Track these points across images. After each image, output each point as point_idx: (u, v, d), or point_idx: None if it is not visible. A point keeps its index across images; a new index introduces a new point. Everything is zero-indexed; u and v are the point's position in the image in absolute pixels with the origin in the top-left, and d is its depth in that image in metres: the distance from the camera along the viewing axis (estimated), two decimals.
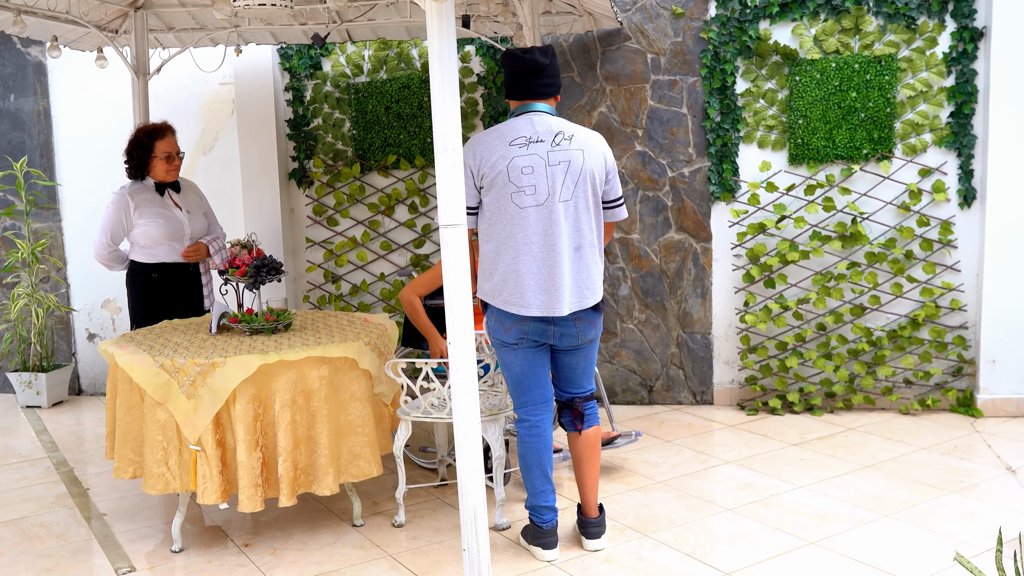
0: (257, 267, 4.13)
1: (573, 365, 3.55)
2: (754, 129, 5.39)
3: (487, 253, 3.37)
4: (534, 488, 3.52)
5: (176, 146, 4.74)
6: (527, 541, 3.58)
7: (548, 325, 3.37)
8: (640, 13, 5.47)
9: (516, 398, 3.53)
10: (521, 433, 3.53)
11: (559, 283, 3.30)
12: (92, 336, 6.50)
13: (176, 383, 3.52)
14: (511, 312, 3.33)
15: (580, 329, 3.42)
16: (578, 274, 3.36)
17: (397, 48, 5.87)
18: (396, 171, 5.99)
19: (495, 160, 3.28)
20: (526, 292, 3.30)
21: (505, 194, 3.27)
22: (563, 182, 3.31)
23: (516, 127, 3.36)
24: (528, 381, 3.48)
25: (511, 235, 3.29)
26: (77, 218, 6.41)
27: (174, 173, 4.73)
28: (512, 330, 3.37)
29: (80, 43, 5.43)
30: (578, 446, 3.59)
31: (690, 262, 5.56)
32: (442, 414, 3.77)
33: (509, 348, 3.43)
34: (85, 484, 4.60)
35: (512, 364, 3.46)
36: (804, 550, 3.52)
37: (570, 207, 3.33)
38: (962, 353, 5.28)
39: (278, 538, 3.82)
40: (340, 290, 6.15)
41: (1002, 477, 4.23)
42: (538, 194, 3.29)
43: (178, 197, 4.77)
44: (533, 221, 3.29)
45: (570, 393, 3.60)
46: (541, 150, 3.31)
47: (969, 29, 5.05)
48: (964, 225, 5.21)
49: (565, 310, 3.33)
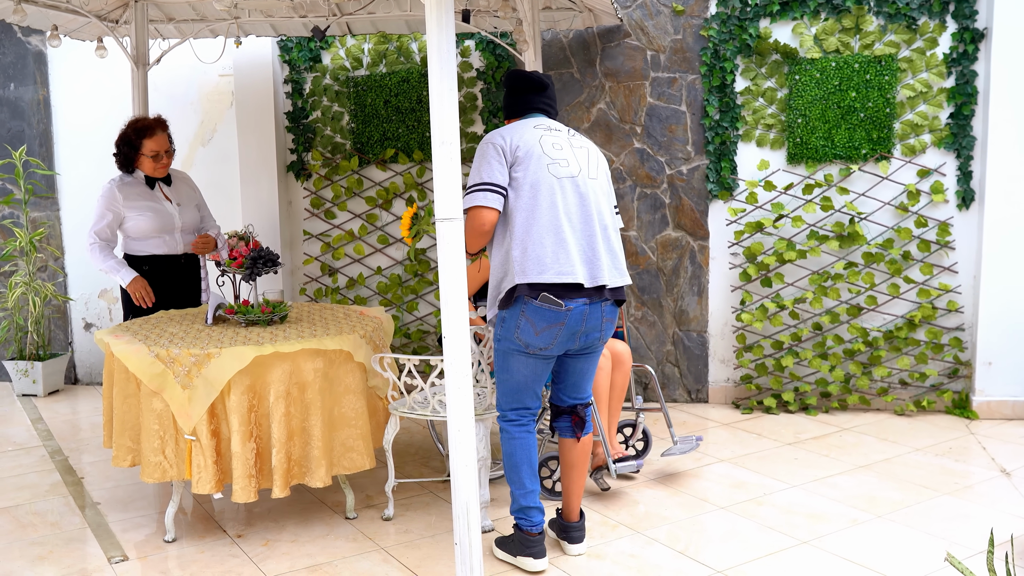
0: (254, 259, 4.13)
1: (583, 370, 3.47)
2: (753, 128, 5.39)
3: (528, 229, 3.20)
4: (523, 487, 3.38)
5: (166, 144, 4.67)
6: (511, 553, 3.41)
7: (580, 326, 3.25)
8: (640, 10, 5.47)
9: (509, 402, 3.40)
10: (510, 430, 3.40)
11: (599, 253, 3.27)
12: (89, 325, 6.50)
13: (171, 373, 3.52)
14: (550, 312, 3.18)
15: (604, 328, 3.35)
16: (610, 252, 3.33)
17: (397, 42, 5.87)
18: (394, 165, 5.99)
19: (527, 137, 3.29)
20: (576, 263, 3.21)
21: (541, 165, 3.25)
22: (588, 162, 3.37)
23: (532, 120, 3.41)
24: (528, 391, 3.38)
25: (553, 205, 3.23)
26: (75, 207, 6.41)
27: (162, 170, 4.70)
28: (544, 333, 3.22)
29: (80, 33, 5.42)
30: (574, 453, 3.51)
31: (687, 260, 5.57)
32: (426, 411, 3.72)
33: (525, 355, 3.28)
34: (80, 473, 4.60)
35: (519, 371, 3.33)
36: (796, 549, 3.52)
37: (598, 186, 3.36)
38: (958, 355, 5.28)
39: (271, 529, 3.82)
40: (337, 283, 6.15)
41: (996, 479, 4.24)
42: (571, 167, 3.30)
43: (169, 190, 4.75)
44: (570, 191, 3.27)
45: (573, 400, 3.52)
46: (562, 135, 3.38)
47: (970, 30, 5.04)
48: (962, 227, 5.21)
49: (606, 279, 3.26)
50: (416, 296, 6.05)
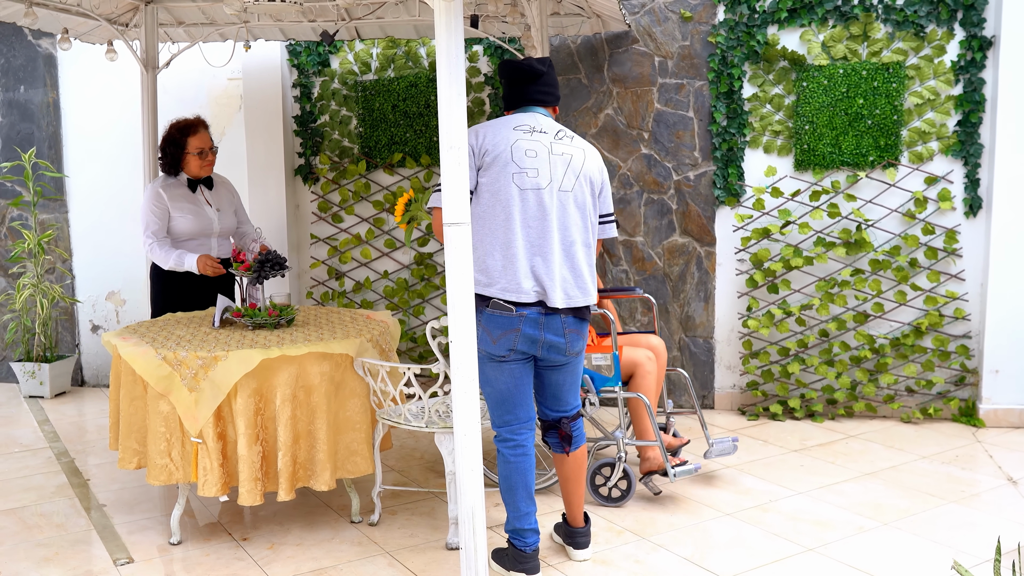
0: (261, 262, 4.13)
1: (560, 382, 3.39)
2: (760, 134, 5.39)
3: (481, 238, 3.17)
4: (518, 511, 3.30)
5: (209, 141, 4.70)
6: (505, 567, 3.35)
7: (538, 334, 3.20)
8: (648, 16, 5.47)
9: (498, 416, 3.31)
10: (505, 453, 3.31)
11: (552, 273, 3.18)
12: (96, 328, 6.52)
13: (178, 376, 3.53)
14: (502, 318, 3.16)
15: (569, 340, 3.26)
16: (572, 269, 3.23)
17: (405, 47, 5.88)
18: (402, 169, 6.00)
19: (499, 139, 3.19)
20: (522, 279, 3.15)
21: (506, 174, 3.15)
22: (565, 173, 3.24)
23: (519, 118, 3.30)
24: (513, 398, 3.28)
25: (509, 217, 3.14)
26: (84, 210, 6.43)
27: (208, 168, 4.71)
28: (500, 340, 3.18)
29: (90, 36, 5.45)
30: (566, 468, 3.45)
31: (694, 266, 5.56)
32: (420, 423, 3.64)
33: (495, 362, 3.22)
34: (86, 475, 4.61)
35: (497, 380, 3.25)
36: (802, 556, 3.51)
37: (570, 198, 3.23)
38: (965, 362, 5.27)
39: (276, 533, 3.82)
40: (343, 287, 6.16)
41: (1003, 487, 4.22)
42: (540, 177, 3.18)
43: (210, 194, 4.75)
44: (533, 205, 3.16)
45: (557, 413, 3.44)
46: (544, 140, 3.24)
47: (978, 38, 5.04)
48: (969, 234, 5.20)
49: (558, 302, 3.17)
50: (423, 300, 6.06)
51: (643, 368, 4.14)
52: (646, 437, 4.09)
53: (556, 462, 3.49)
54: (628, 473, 4.03)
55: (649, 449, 4.10)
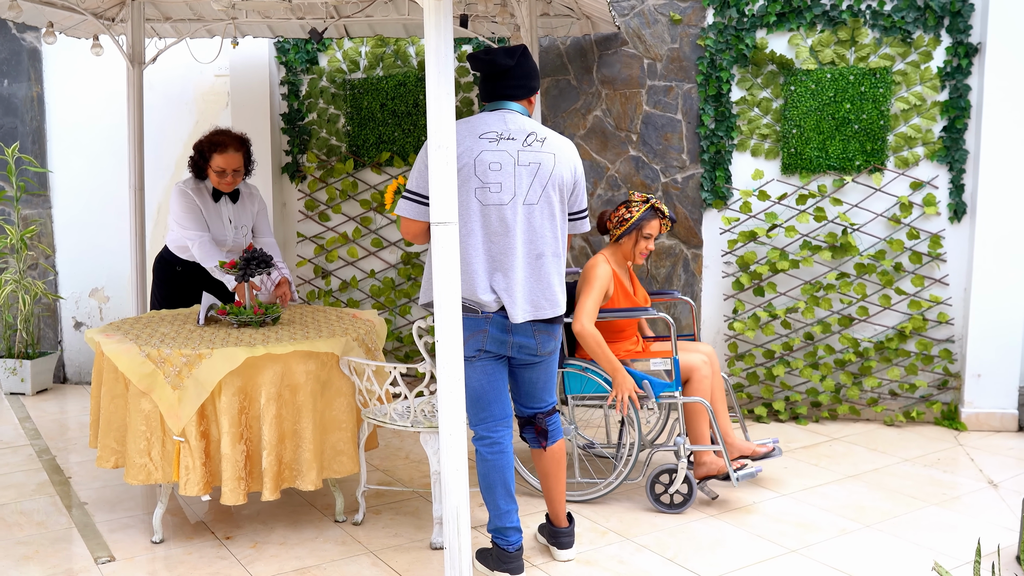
0: (247, 260, 4.11)
1: (533, 379, 3.38)
2: (748, 137, 5.41)
3: None
4: (498, 509, 3.29)
5: (236, 163, 4.51)
6: (489, 567, 3.35)
7: (506, 335, 3.19)
8: (638, 18, 5.48)
9: (474, 415, 3.29)
10: (482, 451, 3.29)
11: (514, 288, 3.15)
12: (79, 324, 6.48)
13: (162, 373, 3.51)
14: (469, 320, 3.14)
15: (539, 341, 3.25)
16: (537, 282, 3.19)
17: (394, 45, 5.87)
18: (389, 168, 5.98)
19: (461, 151, 3.09)
20: (481, 295, 3.13)
21: (468, 189, 3.09)
22: (531, 184, 3.15)
23: (488, 121, 3.18)
24: (487, 396, 3.25)
25: (470, 232, 3.10)
26: (67, 205, 6.39)
27: (228, 187, 4.57)
28: (469, 342, 3.14)
29: (76, 30, 5.41)
30: (544, 462, 3.45)
31: (680, 268, 5.58)
32: (406, 423, 3.63)
33: (466, 362, 3.16)
34: (67, 472, 4.58)
35: (468, 380, 3.20)
36: (785, 558, 3.53)
37: (535, 211, 3.17)
38: (948, 366, 5.30)
39: (260, 532, 3.81)
40: (330, 285, 6.15)
41: (984, 491, 4.25)
42: (503, 192, 3.11)
43: (232, 208, 4.65)
44: (495, 220, 3.11)
45: (532, 409, 3.43)
46: (511, 148, 3.14)
47: (964, 45, 5.07)
48: (953, 239, 5.24)
49: (519, 317, 3.14)
50: (409, 300, 6.04)
51: (699, 372, 4.05)
52: (702, 441, 4.02)
53: (534, 457, 3.49)
54: (689, 479, 3.96)
55: (704, 454, 4.05)
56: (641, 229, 4.05)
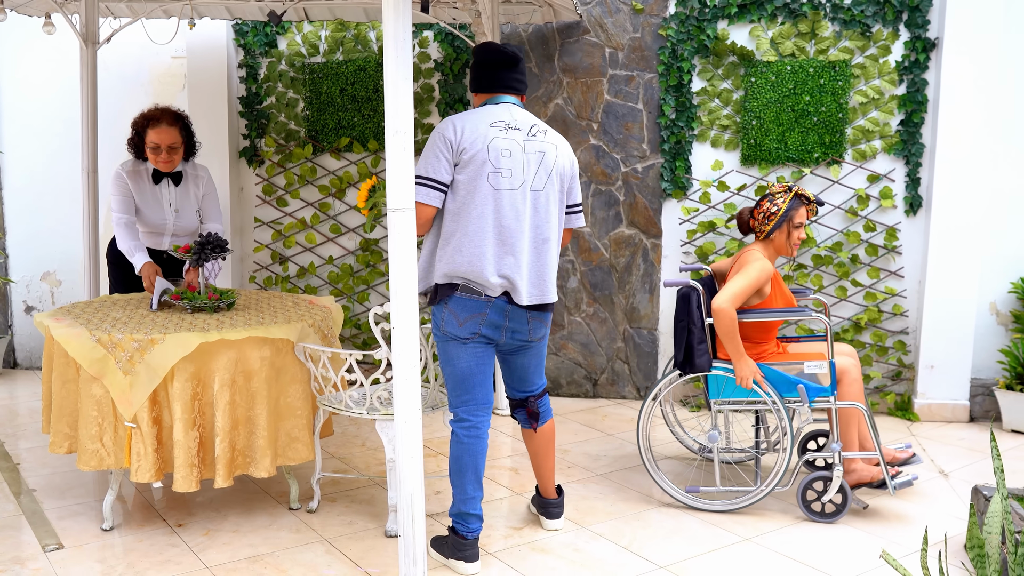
0: (202, 244, 4.05)
1: (525, 364, 3.49)
2: (708, 128, 5.43)
3: (452, 233, 3.20)
4: (464, 493, 3.32)
5: (171, 138, 4.41)
6: (444, 555, 3.37)
7: (503, 320, 3.27)
8: (600, 7, 5.47)
9: (456, 396, 3.34)
10: (459, 433, 3.33)
11: (521, 271, 3.24)
12: (30, 309, 6.35)
13: (113, 358, 3.45)
14: (471, 301, 3.21)
15: (532, 327, 3.35)
16: (541, 266, 3.30)
17: (354, 30, 5.81)
18: (349, 154, 5.93)
19: (477, 137, 3.18)
20: (490, 277, 3.19)
21: (483, 173, 3.17)
22: (536, 171, 3.27)
23: (495, 112, 3.28)
24: (473, 379, 3.32)
25: (482, 216, 3.17)
26: (19, 187, 6.25)
27: (166, 165, 4.46)
28: (467, 323, 3.24)
29: (28, 7, 5.28)
30: (535, 442, 3.58)
31: (639, 257, 5.59)
32: (361, 410, 3.61)
33: (459, 343, 3.26)
34: (16, 459, 4.49)
35: (458, 360, 3.29)
36: (739, 546, 3.56)
37: (541, 197, 3.28)
38: (902, 358, 5.37)
39: (212, 519, 3.76)
40: (287, 271, 6.08)
41: (934, 480, 4.32)
42: (513, 178, 3.21)
43: (173, 191, 4.54)
44: (506, 204, 3.20)
45: (524, 392, 3.54)
46: (519, 137, 3.26)
47: (922, 40, 5.13)
48: (909, 232, 5.30)
49: (525, 300, 3.25)
50: (367, 287, 6.00)
51: (850, 375, 3.83)
52: (854, 448, 3.83)
53: (525, 438, 3.61)
54: (844, 488, 3.76)
55: (854, 461, 3.85)
56: (791, 219, 3.86)
